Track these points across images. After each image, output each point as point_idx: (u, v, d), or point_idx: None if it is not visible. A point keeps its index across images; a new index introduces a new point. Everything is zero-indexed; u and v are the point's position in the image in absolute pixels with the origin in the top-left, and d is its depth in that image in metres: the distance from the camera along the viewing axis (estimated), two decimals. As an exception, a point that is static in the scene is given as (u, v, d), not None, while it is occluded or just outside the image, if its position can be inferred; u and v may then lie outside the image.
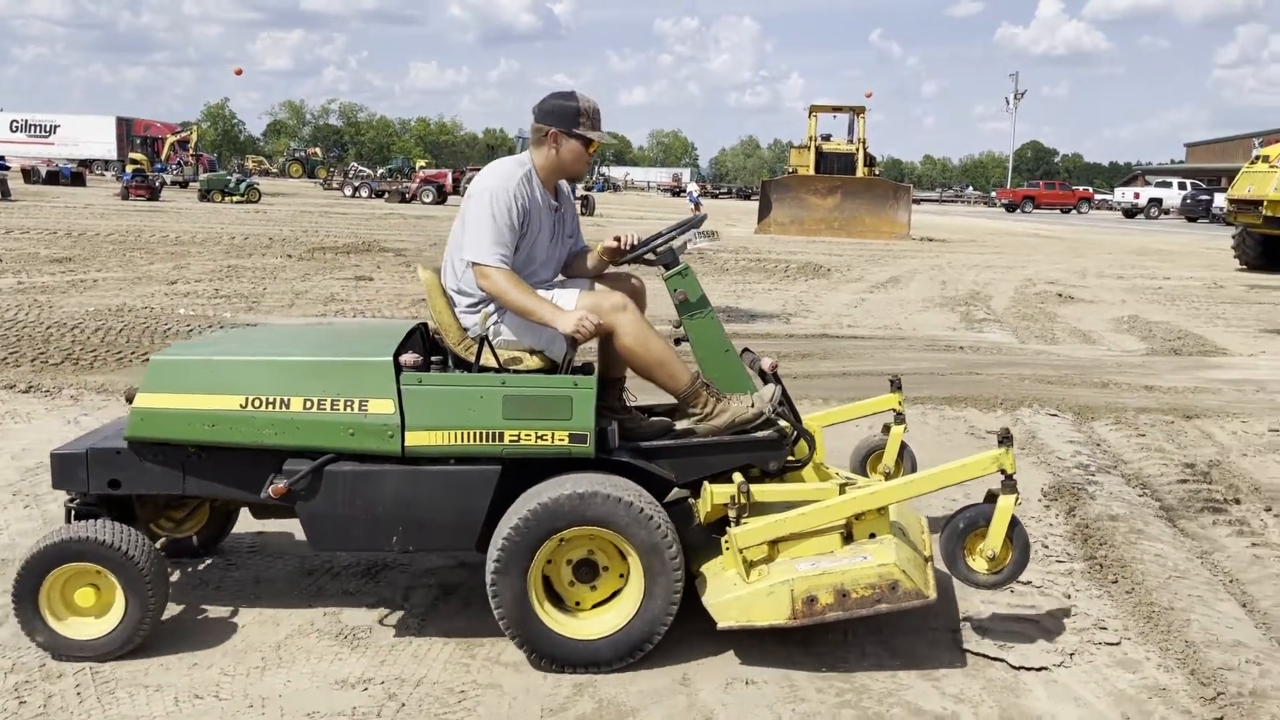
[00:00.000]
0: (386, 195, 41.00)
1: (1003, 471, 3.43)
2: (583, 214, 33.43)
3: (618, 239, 3.86)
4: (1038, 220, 48.09)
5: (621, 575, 3.36)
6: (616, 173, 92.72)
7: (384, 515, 3.31)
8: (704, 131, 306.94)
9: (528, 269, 3.65)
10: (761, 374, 3.83)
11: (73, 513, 3.47)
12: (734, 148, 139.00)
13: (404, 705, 3.07)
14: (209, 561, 4.15)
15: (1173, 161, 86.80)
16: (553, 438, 3.29)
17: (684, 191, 50.83)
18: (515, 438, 3.28)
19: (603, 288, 3.83)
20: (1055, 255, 23.67)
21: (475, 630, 3.56)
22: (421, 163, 65.16)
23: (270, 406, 3.29)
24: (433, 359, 3.54)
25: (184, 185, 42.68)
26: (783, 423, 3.63)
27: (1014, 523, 3.45)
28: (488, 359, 3.45)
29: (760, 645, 3.48)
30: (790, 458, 3.71)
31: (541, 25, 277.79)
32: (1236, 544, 4.64)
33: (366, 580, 3.99)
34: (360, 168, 60.03)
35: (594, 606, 3.38)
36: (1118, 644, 3.61)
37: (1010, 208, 60.72)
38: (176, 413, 3.31)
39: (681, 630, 3.42)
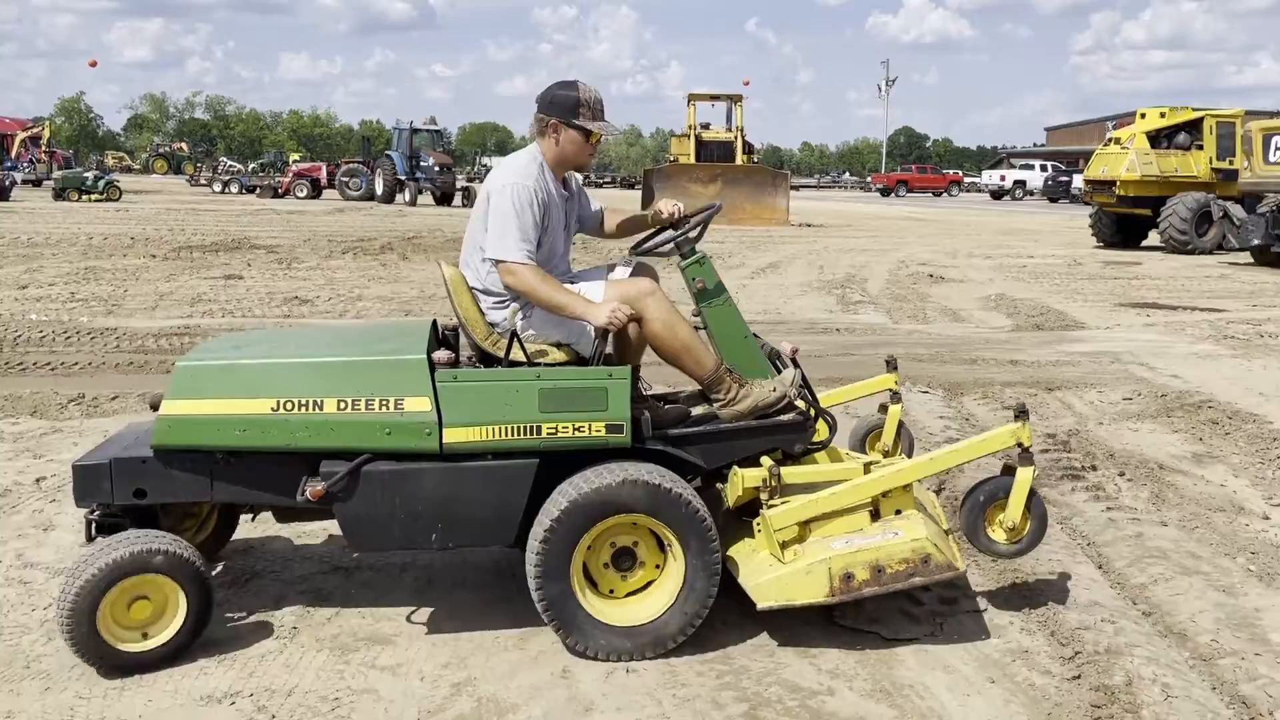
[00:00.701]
0: (258, 190, 39.72)
1: (1019, 444, 3.56)
2: (464, 205, 33.09)
3: (659, 211, 3.88)
4: (911, 204, 49.64)
5: (656, 566, 3.40)
6: (497, 163, 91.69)
7: (423, 513, 3.31)
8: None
9: (550, 262, 3.66)
10: (778, 358, 3.85)
11: (94, 525, 3.38)
12: (617, 137, 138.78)
13: (274, 717, 2.97)
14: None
15: (1035, 145, 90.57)
16: (590, 429, 3.31)
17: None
18: (553, 430, 3.30)
19: (624, 274, 3.80)
20: (927, 237, 24.46)
21: (349, 636, 3.48)
22: (295, 156, 63.17)
23: (303, 409, 3.25)
24: (468, 356, 3.56)
25: (37, 184, 40.37)
26: (804, 405, 3.67)
27: (1032, 494, 3.59)
28: (516, 354, 3.45)
29: (641, 633, 3.49)
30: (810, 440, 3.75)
31: (417, 14, 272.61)
32: (1093, 509, 4.86)
33: (235, 590, 3.85)
34: (230, 163, 57.88)
35: (628, 595, 3.41)
36: (984, 610, 3.74)
37: (885, 192, 62.47)
38: (205, 419, 3.26)
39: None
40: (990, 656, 3.38)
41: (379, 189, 34.79)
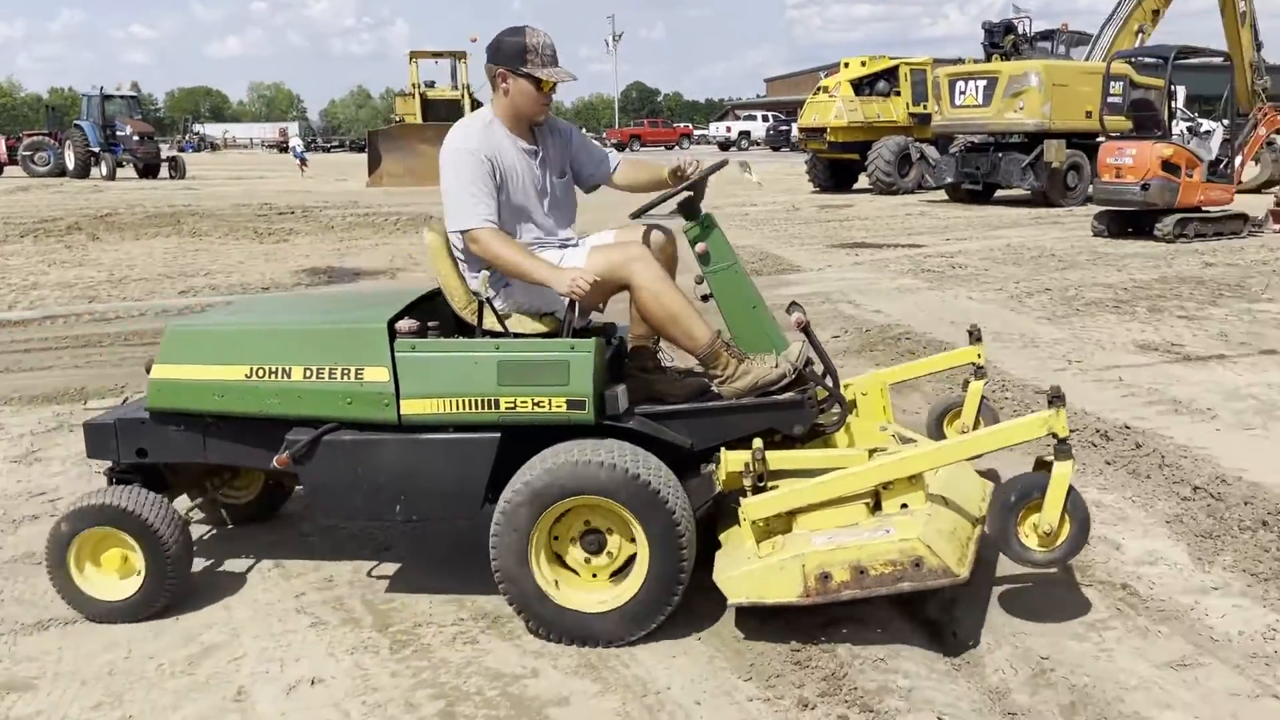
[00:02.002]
0: (-78, 171, 34.83)
1: (1054, 435, 3.03)
2: (171, 177, 30.49)
3: (678, 168, 3.63)
4: (645, 157, 50.50)
5: (632, 540, 3.17)
6: (214, 130, 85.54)
7: (385, 484, 3.24)
8: (311, 83, 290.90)
9: (519, 221, 3.47)
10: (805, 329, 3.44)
11: (112, 478, 3.57)
12: (345, 99, 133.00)
13: None
14: None
15: (757, 96, 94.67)
16: (550, 404, 3.14)
17: (290, 148, 47.77)
18: (511, 404, 3.15)
19: (619, 236, 3.57)
20: (658, 190, 24.87)
21: (-22, 687, 2.97)
22: (-32, 130, 55.97)
23: (272, 376, 3.27)
24: (430, 324, 3.33)
25: None
26: (811, 383, 3.38)
27: (1070, 492, 3.04)
28: (491, 323, 3.36)
29: (332, 637, 3.21)
30: (821, 421, 3.44)
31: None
32: (800, 448, 4.98)
33: None
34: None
35: (593, 578, 3.22)
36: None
37: (620, 147, 63.19)
38: (189, 383, 3.35)
39: (244, 634, 3.04)
40: (698, 613, 3.34)
41: (70, 163, 31.41)
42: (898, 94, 23.15)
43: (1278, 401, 5.59)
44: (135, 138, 31.31)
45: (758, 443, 3.23)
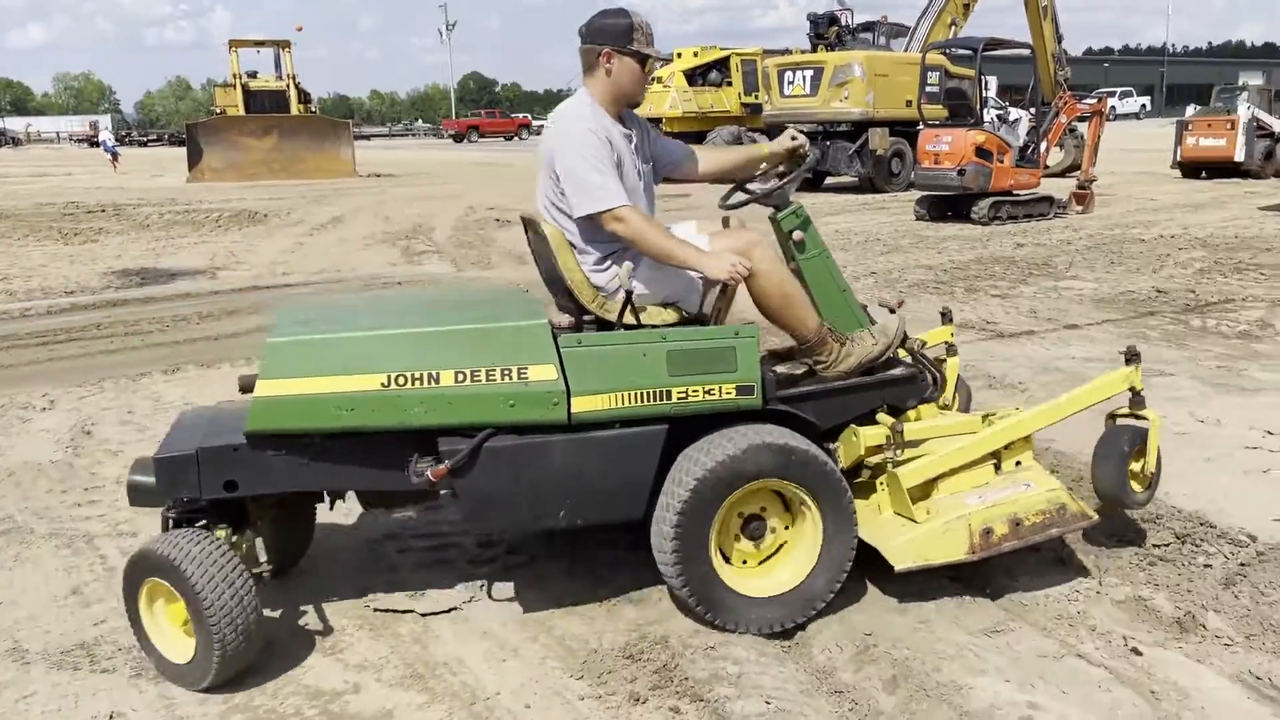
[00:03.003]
0: None
1: (1132, 389, 3.56)
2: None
3: (795, 137, 3.64)
4: (483, 149, 49.91)
5: (786, 528, 3.21)
6: (15, 124, 79.55)
7: (551, 488, 3.04)
8: (124, 74, 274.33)
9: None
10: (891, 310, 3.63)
11: (170, 522, 3.06)
12: (162, 90, 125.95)
13: None
14: None
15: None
16: (721, 391, 3.09)
17: (100, 142, 44.82)
18: (683, 395, 3.07)
19: (703, 227, 3.48)
20: (498, 182, 24.59)
21: None
22: None
23: (418, 383, 2.93)
24: (585, 319, 3.28)
25: None
26: (907, 356, 3.53)
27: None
28: (628, 316, 3.20)
29: (135, 665, 2.98)
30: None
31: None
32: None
33: None
34: None
35: (759, 564, 3.21)
36: (529, 563, 3.64)
37: (457, 138, 62.27)
38: (307, 399, 2.92)
39: (35, 667, 2.79)
40: (532, 612, 3.28)
41: None
42: (730, 84, 23.61)
43: (1081, 373, 5.94)
44: (-79, 132, 28.74)
45: (886, 418, 3.40)
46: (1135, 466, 3.55)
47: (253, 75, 28.53)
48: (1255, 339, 6.85)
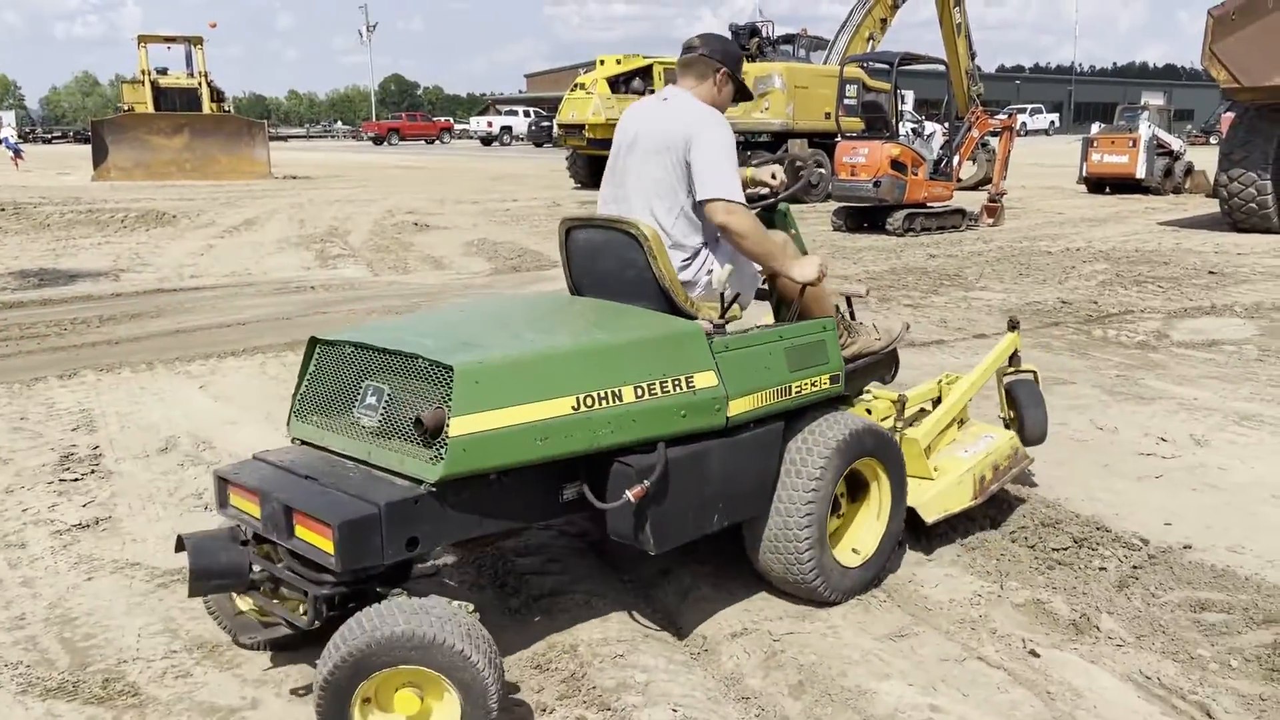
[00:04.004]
0: None
1: (1015, 352, 4.38)
2: None
3: (775, 176, 3.79)
4: (403, 152, 49.26)
5: (851, 502, 3.51)
6: (-91, 118, 75.95)
7: (711, 494, 3.04)
8: (29, 68, 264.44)
9: None
10: (849, 300, 4.01)
11: (321, 603, 2.61)
12: (69, 85, 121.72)
13: None
14: None
15: (519, 92, 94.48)
16: (822, 382, 3.34)
17: (1, 139, 43.04)
18: (800, 388, 3.26)
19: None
20: (418, 185, 24.30)
21: None
22: None
23: (604, 402, 2.78)
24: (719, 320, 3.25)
25: None
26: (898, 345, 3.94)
27: None
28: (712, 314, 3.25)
29: (22, 681, 2.85)
30: None
31: None
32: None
33: None
34: None
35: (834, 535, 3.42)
36: (434, 573, 3.57)
37: (377, 140, 61.39)
38: (507, 432, 2.62)
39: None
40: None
41: None
42: (652, 92, 23.64)
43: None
44: None
45: (884, 392, 3.95)
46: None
47: (163, 72, 27.75)
48: (1152, 349, 7.10)
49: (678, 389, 2.93)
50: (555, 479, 2.90)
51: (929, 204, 14.53)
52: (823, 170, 4.09)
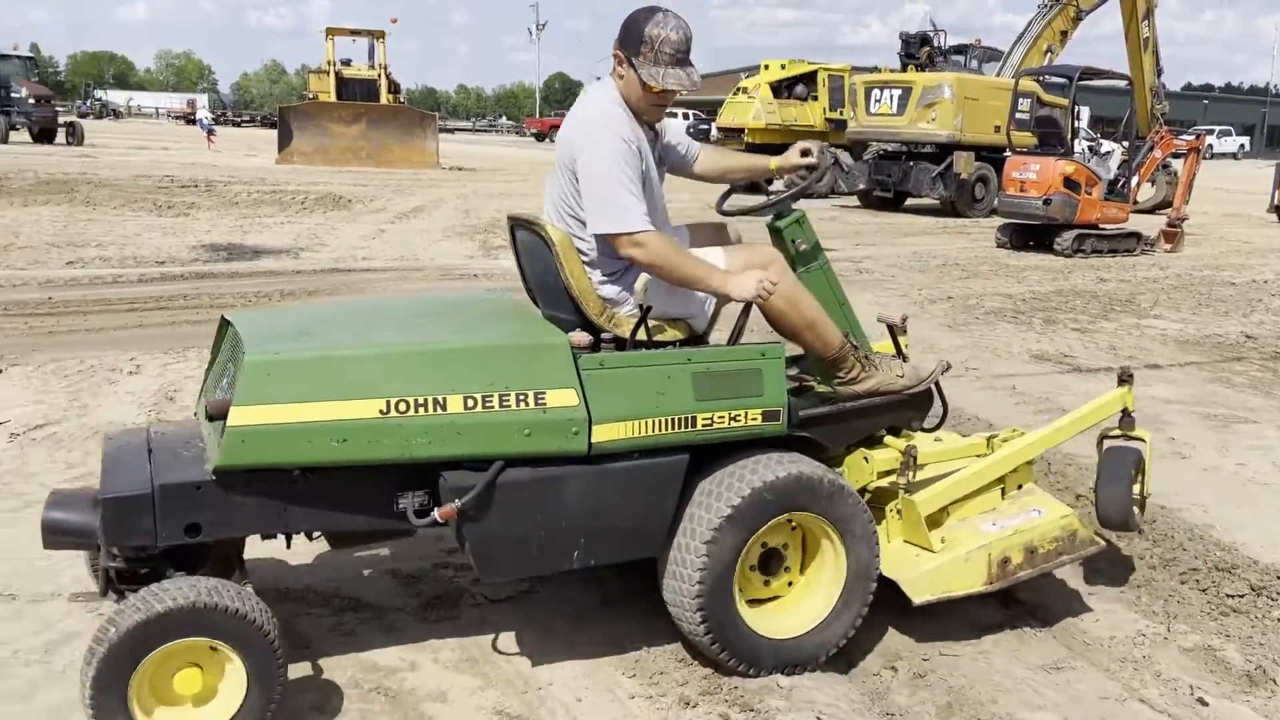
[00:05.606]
0: None
1: (1125, 410, 3.53)
2: (68, 144, 29.27)
3: (807, 152, 3.39)
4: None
5: (800, 568, 3.05)
6: (118, 97, 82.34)
7: (566, 528, 2.74)
8: (223, 54, 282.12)
9: (654, 223, 2.92)
10: (891, 329, 3.49)
11: (112, 574, 2.60)
12: (258, 72, 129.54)
13: None
14: None
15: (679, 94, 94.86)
16: (746, 417, 2.87)
17: (197, 120, 46.23)
18: (708, 421, 2.82)
19: (733, 239, 3.31)
20: (576, 182, 24.72)
21: None
22: None
23: (423, 410, 2.57)
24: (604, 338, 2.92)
25: None
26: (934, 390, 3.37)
27: None
28: (635, 333, 2.91)
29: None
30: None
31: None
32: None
33: None
34: None
35: (775, 601, 3.03)
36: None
37: (539, 137, 62.83)
38: (292, 429, 2.50)
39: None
40: (587, 608, 3.29)
41: (-41, 123, 29.85)
42: (815, 99, 23.44)
43: (1159, 414, 5.80)
44: (31, 100, 29.89)
45: (895, 440, 3.27)
46: (1134, 490, 3.46)
47: (346, 63, 29.12)
48: (1347, 392, 6.61)
49: (522, 405, 2.65)
50: (387, 486, 2.68)
51: (1102, 225, 13.88)
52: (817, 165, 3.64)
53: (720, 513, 2.77)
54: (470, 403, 2.61)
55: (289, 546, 3.06)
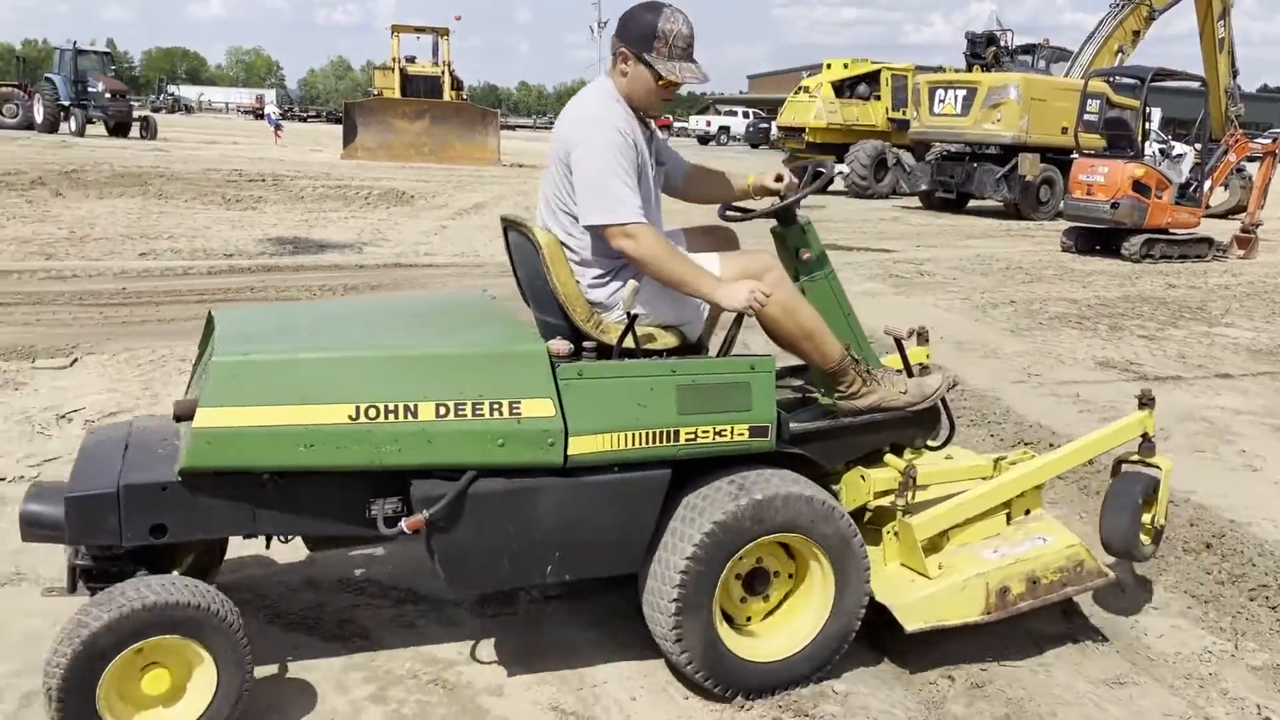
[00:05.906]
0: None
1: (1145, 435, 3.34)
2: (142, 137, 30.05)
3: (780, 178, 3.22)
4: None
5: (785, 590, 2.95)
6: (189, 92, 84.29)
7: (540, 541, 2.69)
8: (291, 51, 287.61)
9: (648, 218, 2.88)
10: (898, 342, 3.41)
11: (79, 572, 2.61)
12: (324, 69, 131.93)
13: None
14: None
15: (740, 92, 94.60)
16: (733, 432, 2.79)
17: (265, 115, 47.16)
18: (692, 435, 2.75)
19: (727, 247, 3.20)
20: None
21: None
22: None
23: (393, 416, 2.53)
24: (586, 346, 2.84)
25: None
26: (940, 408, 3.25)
27: None
28: (615, 341, 2.84)
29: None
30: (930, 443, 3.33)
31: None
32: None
33: None
34: None
35: (762, 619, 2.95)
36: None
37: (600, 134, 62.94)
38: (259, 432, 2.47)
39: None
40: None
41: (38, 117, 30.79)
42: (878, 98, 23.23)
43: (1230, 425, 5.66)
44: (107, 95, 30.77)
45: (896, 459, 3.15)
46: (1145, 518, 3.32)
47: (411, 60, 29.48)
48: None
49: (496, 414, 2.59)
50: (359, 492, 2.65)
51: (1172, 230, 13.56)
52: (823, 171, 3.50)
53: (702, 528, 2.70)
54: (443, 410, 2.57)
55: (268, 547, 3.05)
